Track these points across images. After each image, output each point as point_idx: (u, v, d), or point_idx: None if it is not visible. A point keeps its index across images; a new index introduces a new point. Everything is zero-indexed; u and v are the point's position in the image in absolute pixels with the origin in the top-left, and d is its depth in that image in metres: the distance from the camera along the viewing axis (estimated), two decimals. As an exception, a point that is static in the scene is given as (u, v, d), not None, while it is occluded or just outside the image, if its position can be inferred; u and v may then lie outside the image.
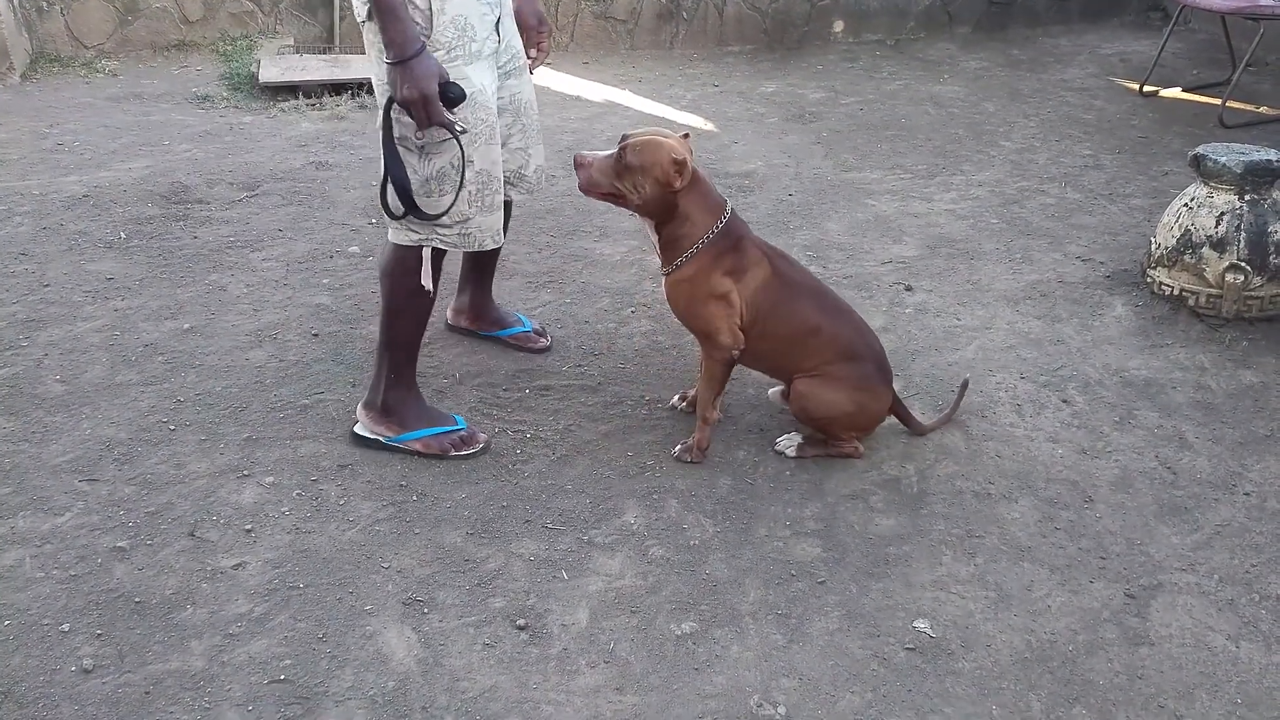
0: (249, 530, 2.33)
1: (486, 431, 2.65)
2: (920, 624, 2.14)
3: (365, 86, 4.92)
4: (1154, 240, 3.42)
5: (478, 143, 2.33)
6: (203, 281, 3.35)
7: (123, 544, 2.28)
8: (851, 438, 2.59)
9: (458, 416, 2.63)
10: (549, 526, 2.37)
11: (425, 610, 2.14)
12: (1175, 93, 5.43)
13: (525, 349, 3.01)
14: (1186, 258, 3.27)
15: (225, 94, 5.04)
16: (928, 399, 2.86)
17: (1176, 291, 3.32)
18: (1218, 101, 5.05)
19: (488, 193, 2.39)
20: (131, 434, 2.62)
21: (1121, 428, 2.77)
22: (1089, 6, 6.74)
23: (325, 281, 3.38)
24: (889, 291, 3.42)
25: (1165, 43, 5.42)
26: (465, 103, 2.22)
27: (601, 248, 3.66)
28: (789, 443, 2.62)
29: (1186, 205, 3.32)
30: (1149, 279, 3.42)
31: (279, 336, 3.06)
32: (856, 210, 4.02)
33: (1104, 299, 3.40)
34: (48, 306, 3.17)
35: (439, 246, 2.42)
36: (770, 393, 2.78)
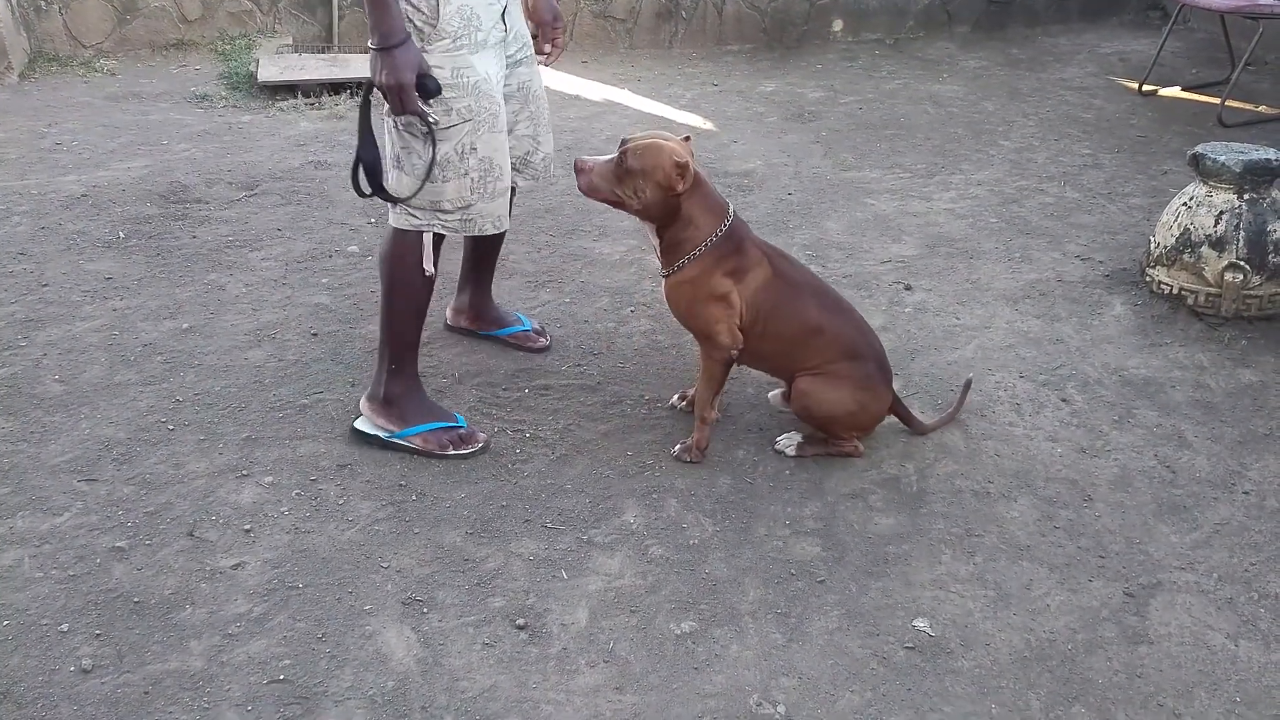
0: (248, 530, 2.33)
1: (486, 431, 2.65)
2: (920, 623, 2.14)
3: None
4: (1153, 239, 3.42)
5: (481, 130, 2.35)
6: (201, 281, 3.34)
7: (122, 544, 2.27)
8: (851, 437, 2.59)
9: (459, 415, 2.64)
10: (548, 526, 2.37)
11: (425, 610, 2.14)
12: (1174, 92, 5.43)
13: (525, 348, 3.01)
14: (1185, 257, 3.28)
15: (224, 93, 5.03)
16: (927, 398, 2.86)
17: (1175, 290, 3.32)
18: (1217, 100, 5.05)
19: (490, 179, 2.41)
20: (130, 434, 2.62)
21: (1120, 427, 2.77)
22: (1088, 5, 6.74)
23: (324, 281, 3.38)
24: (888, 291, 3.42)
25: (1164, 42, 5.42)
26: (470, 91, 2.30)
27: (601, 247, 3.66)
28: (788, 442, 2.62)
29: (1185, 204, 3.33)
30: (1148, 278, 3.42)
31: (278, 336, 3.06)
32: (856, 209, 4.02)
33: (1103, 298, 3.41)
34: (46, 306, 3.17)
35: (440, 232, 2.44)
36: (770, 395, 2.78)
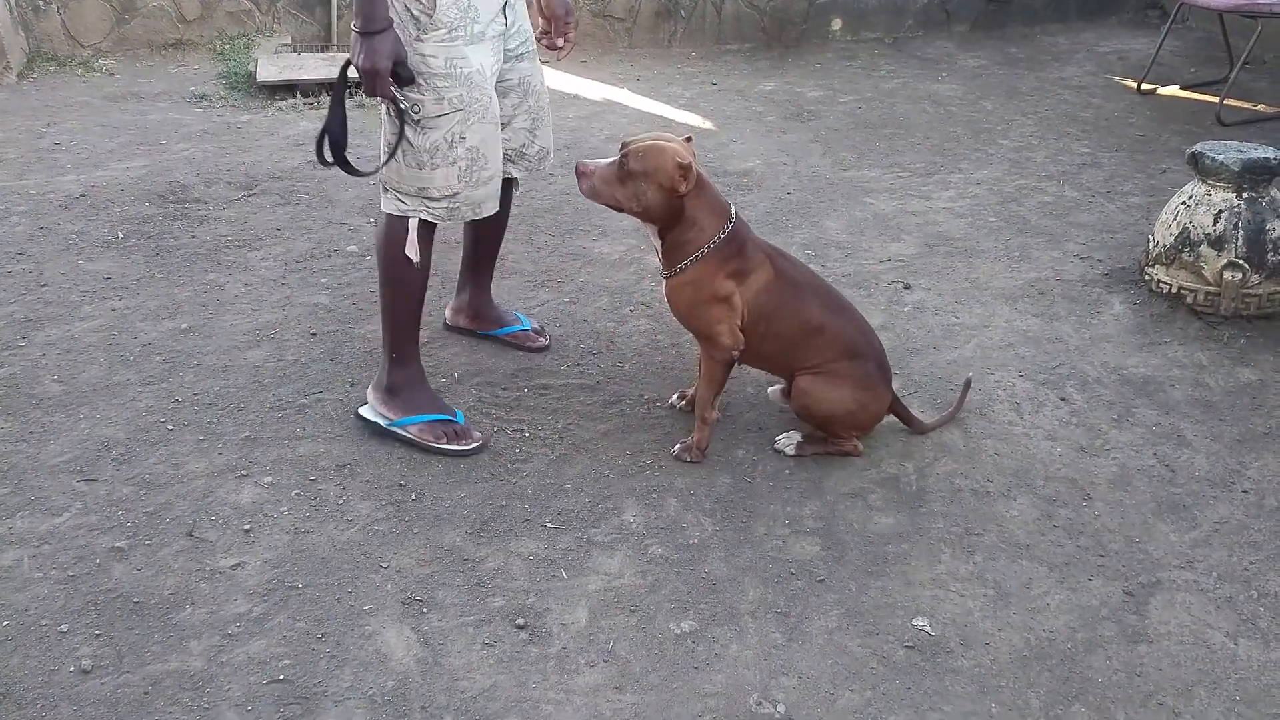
0: (247, 530, 2.33)
1: (485, 431, 2.65)
2: (919, 622, 2.14)
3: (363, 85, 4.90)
4: (1152, 238, 3.42)
5: (471, 120, 2.40)
6: (200, 281, 3.34)
7: (121, 544, 2.27)
8: (851, 436, 2.59)
9: (459, 412, 2.64)
10: (548, 525, 2.37)
11: (424, 610, 2.14)
12: (1173, 90, 5.42)
13: (524, 348, 3.01)
14: (1185, 255, 3.28)
15: (223, 93, 5.03)
16: (926, 397, 2.86)
17: (1174, 289, 3.32)
18: (1215, 99, 5.05)
19: (477, 168, 2.46)
20: (129, 434, 2.62)
21: (1120, 425, 2.77)
22: (1087, 4, 6.73)
23: (323, 281, 3.37)
24: (887, 290, 3.42)
25: (1163, 41, 5.41)
26: (463, 81, 2.36)
27: (600, 246, 3.66)
28: (788, 441, 2.62)
29: (1184, 203, 3.33)
30: (1147, 277, 3.42)
31: (277, 336, 3.06)
32: (855, 208, 4.02)
33: (1102, 297, 3.41)
34: (45, 306, 3.16)
35: (426, 219, 2.48)
36: (770, 390, 2.78)
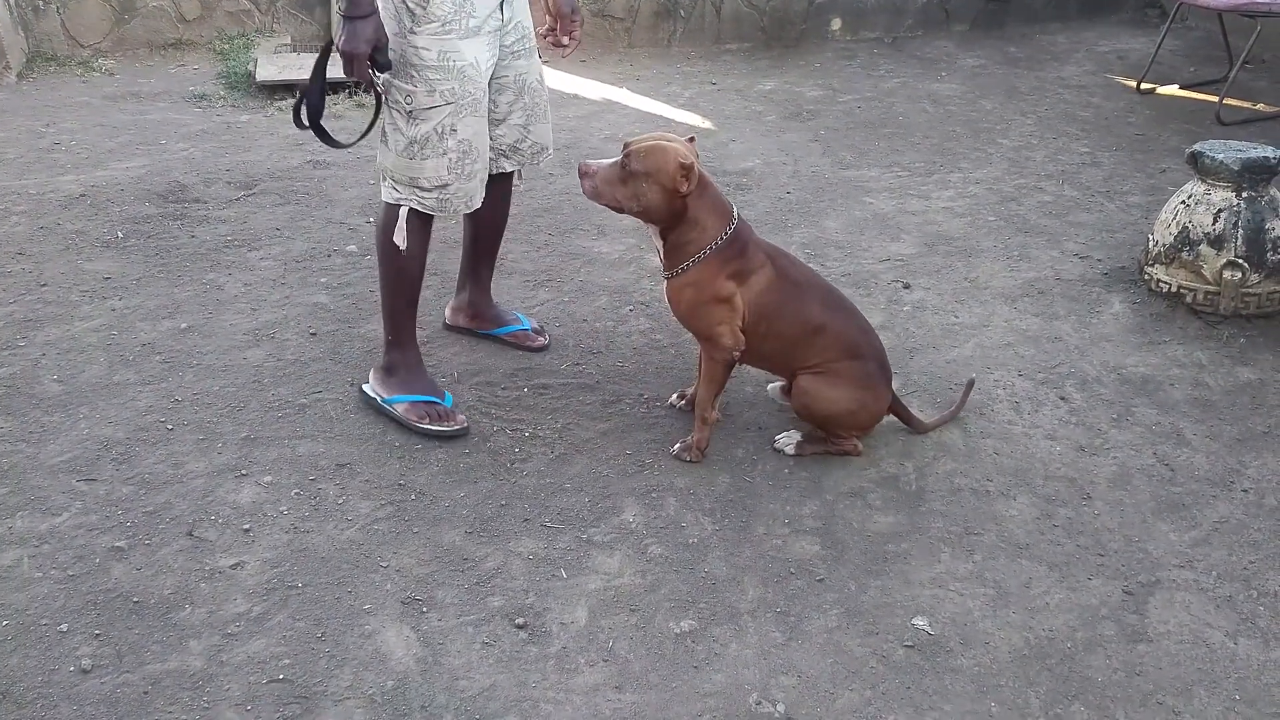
0: (247, 530, 2.33)
1: (485, 430, 2.65)
2: (919, 621, 2.15)
3: (362, 85, 4.90)
4: (1151, 237, 3.42)
5: (463, 113, 2.47)
6: (200, 281, 3.34)
7: (121, 544, 2.27)
8: (851, 435, 2.59)
9: (448, 395, 2.70)
10: (547, 525, 2.37)
11: (424, 609, 2.14)
12: (1172, 90, 5.42)
13: (523, 347, 3.01)
14: (1184, 255, 3.28)
15: (222, 93, 5.03)
16: (925, 396, 2.86)
17: (1174, 288, 3.32)
18: (1215, 99, 5.05)
19: (467, 162, 2.52)
20: (129, 433, 2.62)
21: (1119, 425, 2.77)
22: (1086, 4, 6.73)
23: (323, 280, 3.37)
24: (887, 289, 3.42)
25: (1162, 40, 5.42)
26: (455, 74, 2.43)
27: (599, 246, 3.66)
28: (788, 440, 2.62)
29: (1184, 202, 3.33)
30: (1146, 276, 3.42)
31: (277, 335, 3.06)
32: (854, 208, 4.02)
33: (1101, 296, 3.41)
34: (45, 306, 3.16)
35: (416, 208, 2.54)
36: (770, 387, 2.79)
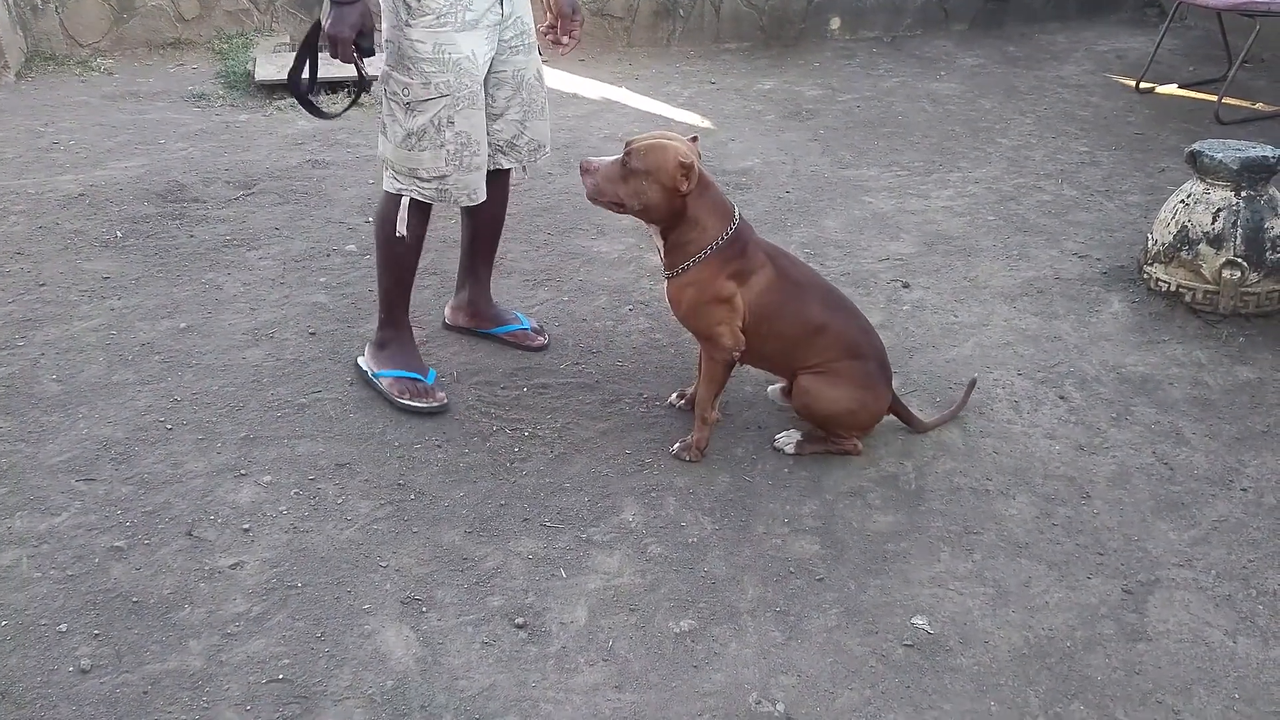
0: (247, 529, 2.33)
1: (485, 430, 2.65)
2: (918, 621, 2.15)
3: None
4: (1151, 236, 3.42)
5: (460, 106, 2.51)
6: (199, 280, 3.34)
7: (120, 544, 2.27)
8: (851, 435, 2.59)
9: (431, 371, 2.79)
10: (547, 525, 2.37)
11: (424, 609, 2.14)
12: (1171, 89, 5.42)
13: (523, 347, 3.01)
14: (1183, 254, 3.28)
15: (221, 92, 5.03)
16: (925, 396, 2.86)
17: (1173, 288, 3.32)
18: (1214, 98, 5.05)
19: (466, 154, 2.55)
20: (128, 433, 2.62)
21: (1119, 424, 2.77)
22: (1085, 3, 6.73)
23: (322, 280, 3.37)
24: (886, 289, 3.42)
25: (1161, 39, 5.41)
26: (450, 67, 2.46)
27: (599, 245, 3.66)
28: (788, 440, 2.62)
29: (1183, 201, 3.33)
30: (1146, 275, 3.42)
31: (276, 335, 3.06)
32: (854, 207, 4.02)
33: (1101, 295, 3.41)
34: (44, 306, 3.16)
35: (416, 198, 2.58)
36: (770, 389, 2.78)
